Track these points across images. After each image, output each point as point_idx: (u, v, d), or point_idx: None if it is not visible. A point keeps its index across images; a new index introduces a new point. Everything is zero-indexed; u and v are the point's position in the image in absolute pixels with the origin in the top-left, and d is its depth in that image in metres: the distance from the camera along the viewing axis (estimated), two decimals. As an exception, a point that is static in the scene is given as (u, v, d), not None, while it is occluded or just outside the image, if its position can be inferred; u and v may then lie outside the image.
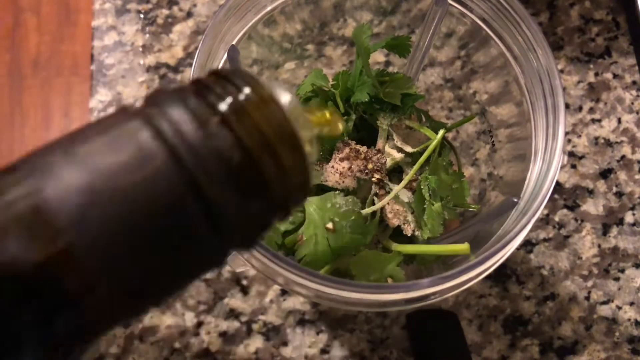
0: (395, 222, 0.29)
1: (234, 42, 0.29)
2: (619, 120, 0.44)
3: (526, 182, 0.28)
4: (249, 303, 0.40)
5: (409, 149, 0.30)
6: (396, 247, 0.29)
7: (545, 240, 0.41)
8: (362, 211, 0.29)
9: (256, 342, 0.40)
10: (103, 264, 0.12)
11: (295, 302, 0.40)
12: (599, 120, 0.44)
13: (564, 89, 0.44)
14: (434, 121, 0.34)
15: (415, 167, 0.29)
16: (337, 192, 0.29)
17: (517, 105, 0.30)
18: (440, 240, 0.31)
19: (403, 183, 0.29)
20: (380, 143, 0.31)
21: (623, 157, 0.43)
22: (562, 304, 0.40)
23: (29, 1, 1.34)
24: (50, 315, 0.11)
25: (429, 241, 0.29)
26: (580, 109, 0.44)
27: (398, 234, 0.30)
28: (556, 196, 0.42)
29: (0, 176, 0.13)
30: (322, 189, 0.30)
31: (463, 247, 0.26)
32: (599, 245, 0.41)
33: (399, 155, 0.30)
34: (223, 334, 0.40)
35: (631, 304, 0.40)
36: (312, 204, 0.28)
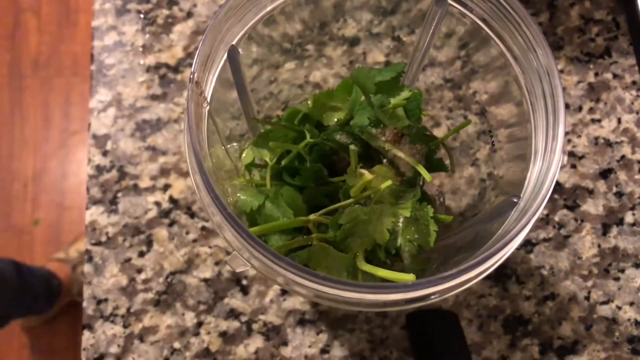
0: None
1: (234, 42, 0.29)
2: (619, 120, 0.44)
3: (526, 182, 0.28)
4: (249, 303, 0.40)
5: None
6: (360, 262, 0.29)
7: (545, 240, 0.41)
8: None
9: (256, 342, 0.40)
10: None
11: (295, 302, 0.40)
12: (599, 120, 0.44)
13: (564, 89, 0.44)
14: (430, 135, 0.33)
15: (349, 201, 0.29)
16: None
17: (517, 105, 0.30)
18: (441, 241, 0.31)
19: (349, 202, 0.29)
20: (352, 166, 0.31)
21: (623, 157, 0.43)
22: (562, 304, 0.40)
23: (29, 1, 1.34)
24: None
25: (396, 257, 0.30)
26: (580, 109, 0.44)
27: (374, 253, 0.30)
28: (556, 196, 0.42)
29: None
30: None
31: (409, 277, 0.27)
32: (599, 245, 0.41)
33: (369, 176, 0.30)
34: (223, 334, 0.40)
35: (631, 304, 0.40)
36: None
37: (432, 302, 0.26)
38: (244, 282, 0.41)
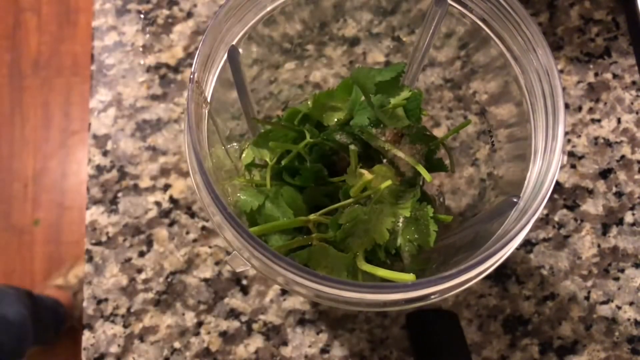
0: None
1: (234, 42, 0.29)
2: (619, 120, 0.44)
3: (526, 182, 0.28)
4: (249, 303, 0.40)
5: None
6: (360, 262, 0.29)
7: (545, 240, 0.41)
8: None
9: (256, 342, 0.40)
10: None
11: (295, 302, 0.40)
12: (599, 120, 0.44)
13: (564, 89, 0.44)
14: (430, 136, 0.33)
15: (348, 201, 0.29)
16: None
17: (517, 106, 0.30)
18: (441, 241, 0.31)
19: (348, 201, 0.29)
20: (352, 166, 0.31)
21: (623, 157, 0.43)
22: (562, 304, 0.40)
23: (29, 1, 1.35)
24: None
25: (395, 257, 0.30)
26: (580, 109, 0.44)
27: (374, 253, 0.30)
28: (556, 196, 0.42)
29: None
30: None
31: (409, 276, 0.27)
32: (599, 245, 0.41)
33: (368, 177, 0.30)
34: (223, 334, 0.40)
35: (631, 303, 0.40)
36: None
37: (432, 302, 0.26)
38: (244, 282, 0.41)
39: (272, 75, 0.39)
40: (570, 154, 0.43)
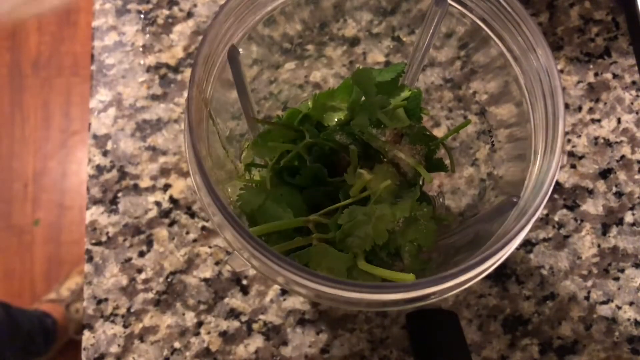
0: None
1: (234, 42, 0.29)
2: (619, 120, 0.44)
3: (526, 182, 0.28)
4: (249, 303, 0.40)
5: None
6: (360, 262, 0.29)
7: (544, 240, 0.41)
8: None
9: (256, 342, 0.40)
10: None
11: (295, 302, 0.40)
12: (599, 120, 0.44)
13: (564, 89, 0.44)
14: (429, 135, 0.33)
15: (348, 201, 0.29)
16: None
17: (517, 106, 0.30)
18: (441, 241, 0.31)
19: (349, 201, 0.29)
20: (352, 166, 0.31)
21: (623, 157, 0.43)
22: (562, 304, 0.40)
23: (29, 1, 1.32)
24: None
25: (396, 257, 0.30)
26: (580, 109, 0.44)
27: (374, 253, 0.30)
28: (556, 196, 0.42)
29: None
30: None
31: (409, 277, 0.27)
32: (599, 245, 0.41)
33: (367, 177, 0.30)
34: (223, 334, 0.40)
35: (631, 303, 0.40)
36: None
37: (432, 302, 0.26)
38: (244, 282, 0.41)
39: (272, 75, 0.39)
40: (570, 154, 0.43)
